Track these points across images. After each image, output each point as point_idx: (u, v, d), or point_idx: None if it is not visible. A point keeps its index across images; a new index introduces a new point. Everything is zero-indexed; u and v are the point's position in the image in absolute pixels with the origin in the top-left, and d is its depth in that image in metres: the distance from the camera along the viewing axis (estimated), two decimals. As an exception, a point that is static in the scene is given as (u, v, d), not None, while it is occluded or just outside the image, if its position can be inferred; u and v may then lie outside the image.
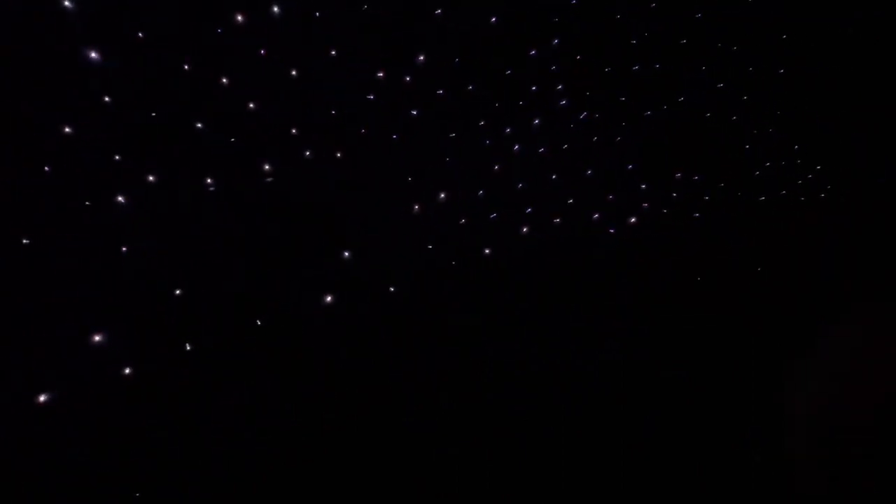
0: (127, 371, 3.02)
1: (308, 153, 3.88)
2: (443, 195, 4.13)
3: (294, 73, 3.90)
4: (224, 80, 3.67)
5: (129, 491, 2.79)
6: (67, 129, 3.14)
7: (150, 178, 3.37)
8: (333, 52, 4.08)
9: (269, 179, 3.66)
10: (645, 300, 3.98)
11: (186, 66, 3.54)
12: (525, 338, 3.61)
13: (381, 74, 4.27)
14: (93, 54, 3.17)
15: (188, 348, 3.15)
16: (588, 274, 4.10)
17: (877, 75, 5.22)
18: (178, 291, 3.26)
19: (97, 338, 2.99)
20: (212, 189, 3.46)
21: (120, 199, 3.23)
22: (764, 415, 3.13)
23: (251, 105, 3.75)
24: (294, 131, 3.87)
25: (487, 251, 4.11)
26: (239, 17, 3.68)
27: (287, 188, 3.79)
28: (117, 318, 3.06)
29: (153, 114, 3.40)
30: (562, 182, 4.59)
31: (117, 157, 3.28)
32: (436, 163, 4.30)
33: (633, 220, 4.67)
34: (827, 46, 5.28)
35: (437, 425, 3.15)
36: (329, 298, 3.47)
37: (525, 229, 4.31)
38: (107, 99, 3.27)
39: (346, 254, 3.62)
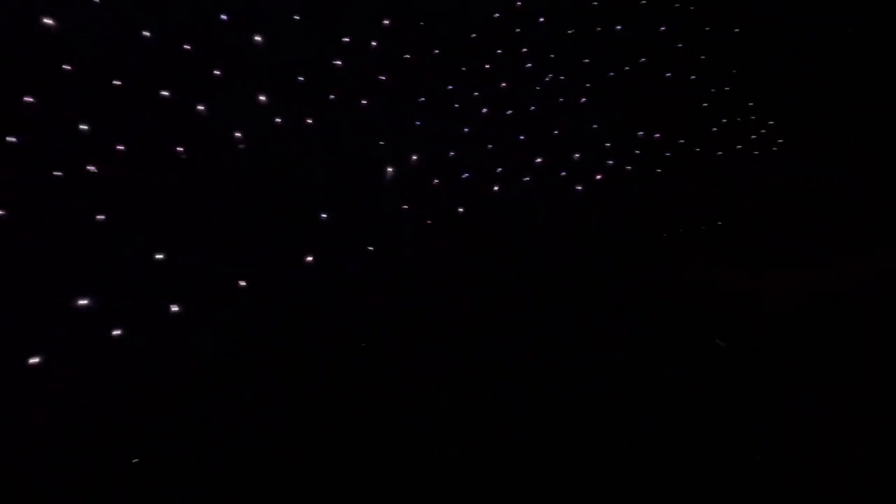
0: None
1: (279, 120, 3.89)
2: (414, 157, 4.20)
3: (259, 39, 3.87)
4: (186, 46, 3.62)
5: (130, 491, 2.77)
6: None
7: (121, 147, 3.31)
8: (297, 17, 4.06)
9: (242, 147, 3.67)
10: (645, 299, 4.05)
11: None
12: (525, 337, 3.65)
13: (346, 40, 4.27)
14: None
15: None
16: (588, 272, 4.17)
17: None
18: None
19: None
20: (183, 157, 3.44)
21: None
22: (764, 413, 3.33)
23: (216, 72, 3.73)
24: (263, 98, 3.86)
25: (461, 210, 4.22)
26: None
27: (259, 157, 3.79)
28: (116, 318, 3.03)
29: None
30: (529, 142, 4.72)
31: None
32: (406, 126, 4.36)
33: (598, 177, 4.85)
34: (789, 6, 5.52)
35: (437, 425, 3.16)
36: (310, 259, 3.53)
37: (496, 188, 4.44)
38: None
39: (324, 216, 3.67)
